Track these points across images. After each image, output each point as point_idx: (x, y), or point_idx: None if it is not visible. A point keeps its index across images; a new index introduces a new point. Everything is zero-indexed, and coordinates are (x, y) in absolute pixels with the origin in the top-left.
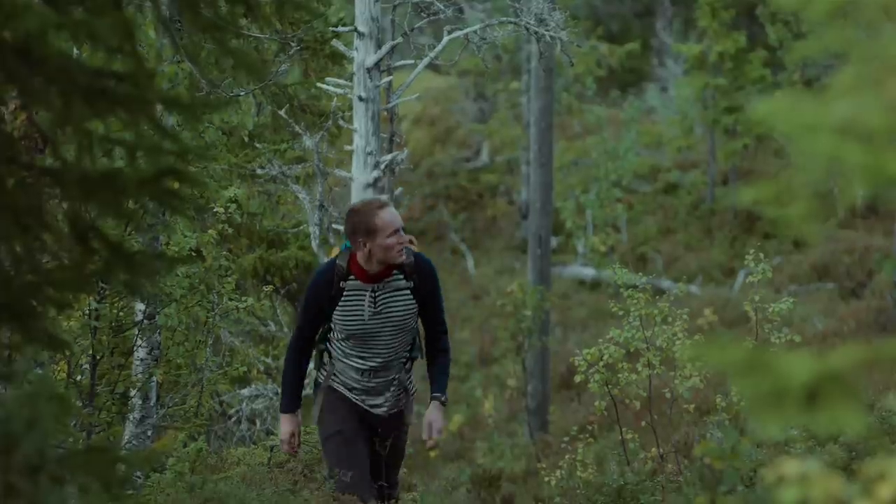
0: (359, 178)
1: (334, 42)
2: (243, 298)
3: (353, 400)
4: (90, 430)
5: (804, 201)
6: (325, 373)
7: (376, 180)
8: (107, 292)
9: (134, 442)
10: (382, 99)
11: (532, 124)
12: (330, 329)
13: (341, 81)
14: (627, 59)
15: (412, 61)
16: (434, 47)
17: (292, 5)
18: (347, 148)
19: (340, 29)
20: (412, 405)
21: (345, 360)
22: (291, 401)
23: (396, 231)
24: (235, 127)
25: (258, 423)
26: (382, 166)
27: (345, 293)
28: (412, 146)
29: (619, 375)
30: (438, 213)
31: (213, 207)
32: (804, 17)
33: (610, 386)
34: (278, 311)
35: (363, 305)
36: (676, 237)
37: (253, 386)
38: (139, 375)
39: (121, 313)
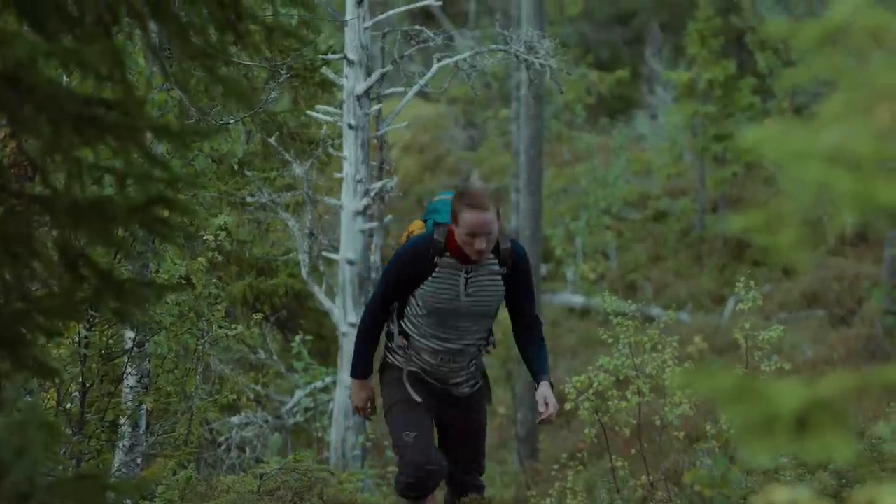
0: (348, 206)
1: (324, 70)
2: (233, 326)
3: (423, 377)
4: (80, 458)
5: (793, 229)
6: (394, 354)
7: (366, 208)
8: (96, 320)
9: (123, 470)
10: (372, 126)
11: (521, 152)
12: (408, 304)
13: (331, 109)
14: (617, 87)
15: (402, 89)
16: (424, 75)
17: (282, 33)
18: (337, 175)
19: (330, 56)
20: (487, 389)
21: (421, 339)
22: (364, 367)
23: (474, 234)
24: (225, 155)
25: (248, 450)
26: (372, 194)
27: (437, 269)
28: (402, 174)
29: (609, 403)
30: None
31: (203, 235)
32: (793, 45)
33: (600, 413)
34: (268, 338)
35: (454, 285)
36: (666, 264)
37: (242, 414)
38: (129, 403)
39: (110, 341)
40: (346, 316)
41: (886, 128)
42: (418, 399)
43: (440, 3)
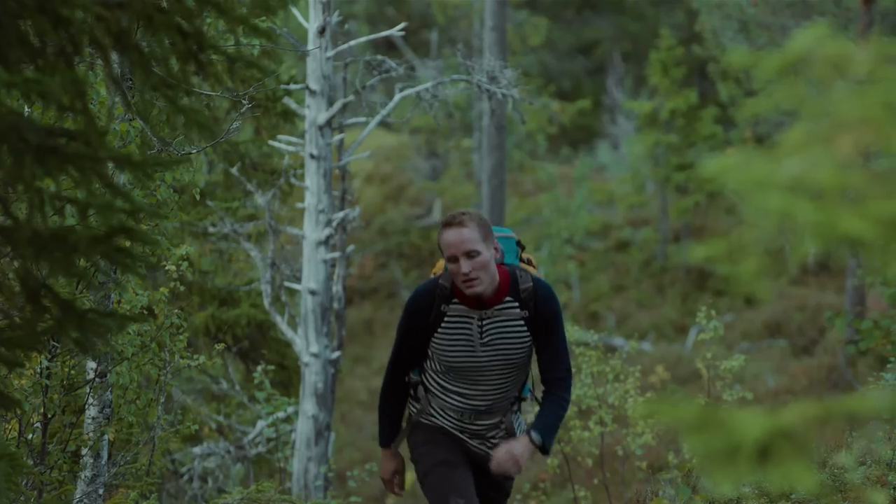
0: (311, 236)
1: (286, 100)
2: (195, 356)
3: (453, 432)
4: (41, 489)
5: (756, 258)
6: (417, 407)
7: (328, 238)
8: (58, 350)
9: (85, 500)
10: (334, 156)
11: (484, 182)
12: (427, 357)
13: (293, 139)
14: (579, 117)
15: (364, 119)
16: (386, 105)
17: (244, 63)
18: (299, 206)
19: (292, 86)
20: None
21: (443, 396)
22: (390, 434)
23: (454, 258)
24: (187, 185)
25: (210, 481)
26: (334, 224)
27: (446, 318)
28: (364, 204)
29: (572, 433)
30: (390, 270)
31: (165, 265)
32: (755, 75)
33: (562, 444)
34: (230, 369)
35: (468, 335)
36: (628, 294)
37: (205, 444)
38: (91, 434)
39: (72, 371)
40: (308, 346)
41: (848, 157)
42: (456, 460)
43: (402, 34)
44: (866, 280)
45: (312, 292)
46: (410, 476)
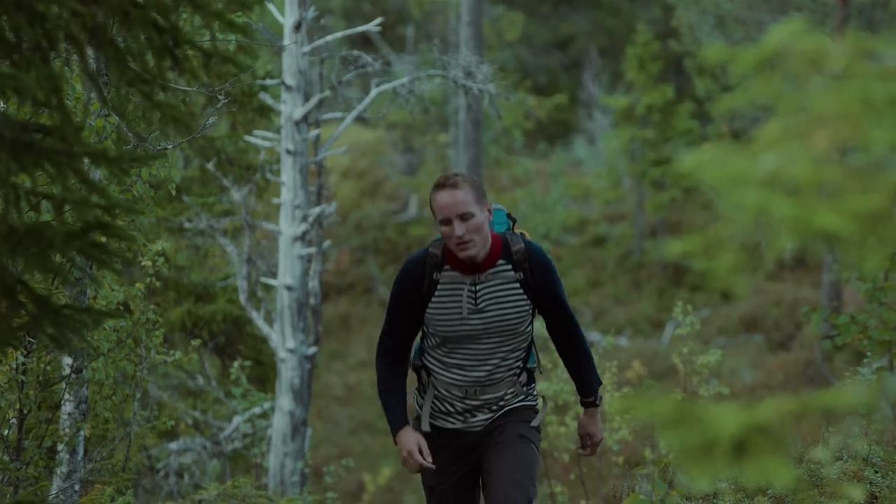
0: (287, 231)
1: (262, 95)
2: (171, 352)
3: (452, 427)
4: (17, 485)
5: (732, 254)
6: (421, 402)
7: (304, 233)
8: (34, 346)
9: (61, 496)
10: (310, 152)
11: None
12: (424, 335)
13: (269, 134)
14: (555, 112)
15: (340, 114)
16: (362, 100)
17: (220, 58)
18: (275, 201)
19: (268, 82)
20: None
21: (444, 373)
22: (398, 416)
23: (447, 221)
24: (163, 180)
25: (186, 477)
26: (310, 219)
27: (439, 286)
28: (340, 199)
29: (548, 428)
30: (367, 266)
31: (141, 261)
32: (731, 70)
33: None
34: (206, 364)
35: (461, 301)
36: (605, 289)
37: (181, 440)
38: (67, 429)
39: (48, 367)
40: (284, 342)
41: (824, 153)
42: (450, 486)
43: (379, 29)
44: (842, 275)
45: (288, 288)
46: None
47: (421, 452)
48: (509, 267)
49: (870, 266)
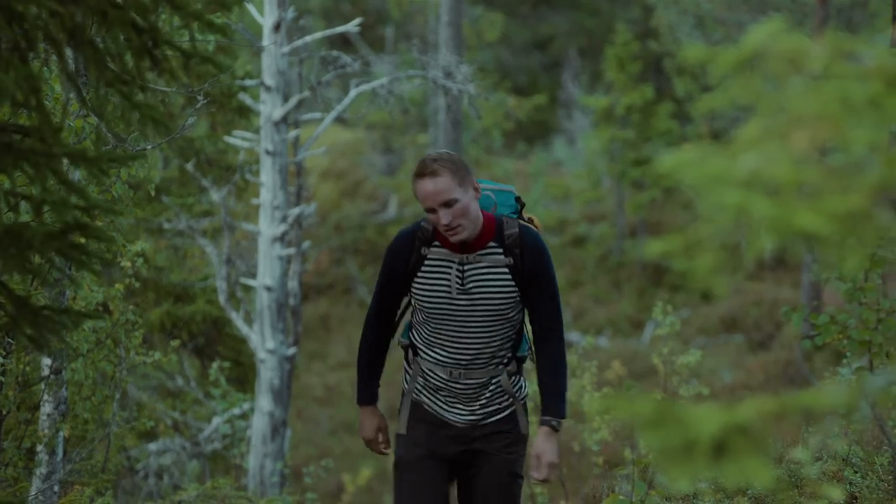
0: (266, 232)
1: (241, 95)
2: (150, 353)
3: (437, 412)
4: None
5: (712, 254)
6: (408, 378)
7: (284, 234)
8: (13, 347)
9: (40, 497)
10: (289, 152)
11: None
12: (413, 310)
13: (248, 135)
14: (535, 112)
15: (319, 115)
16: (341, 101)
17: (199, 59)
18: (255, 202)
19: (247, 82)
20: (521, 416)
21: (429, 352)
22: (368, 390)
23: (431, 210)
24: (142, 181)
25: (165, 477)
26: (290, 220)
27: (426, 261)
28: (319, 199)
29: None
30: (346, 266)
31: (120, 261)
32: (711, 70)
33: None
34: (186, 365)
35: (448, 279)
36: (585, 289)
37: (160, 440)
38: (46, 430)
39: (27, 368)
40: (264, 342)
41: (803, 153)
42: (424, 461)
43: (358, 30)
44: (822, 275)
45: (268, 288)
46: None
47: (377, 439)
48: (500, 250)
49: (850, 266)
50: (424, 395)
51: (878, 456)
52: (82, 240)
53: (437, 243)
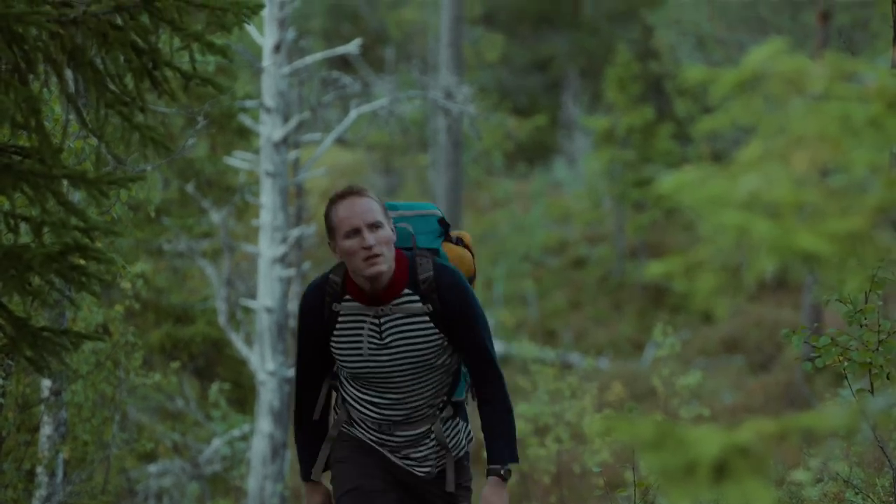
0: (266, 253)
1: (241, 116)
2: (150, 374)
3: (377, 447)
4: None
5: (712, 275)
6: (336, 418)
7: (284, 255)
8: (13, 369)
9: None
10: (290, 173)
11: (440, 198)
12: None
13: (248, 156)
14: (535, 133)
15: (319, 136)
16: (341, 121)
17: (199, 80)
18: (255, 223)
19: (247, 103)
20: (463, 466)
21: (358, 406)
22: (309, 463)
23: (356, 231)
24: (142, 202)
25: (165, 499)
26: (290, 241)
27: (340, 318)
28: (320, 221)
29: (529, 450)
30: None
31: (120, 283)
32: (711, 91)
33: (519, 461)
34: (186, 386)
35: (366, 335)
36: (585, 311)
37: (160, 462)
38: (46, 452)
39: (27, 390)
40: (264, 364)
41: (804, 174)
42: (372, 487)
43: (358, 51)
44: (822, 297)
45: (268, 310)
46: None
47: None
48: (416, 298)
49: (850, 287)
50: (357, 429)
51: (879, 478)
52: (82, 261)
53: (347, 297)
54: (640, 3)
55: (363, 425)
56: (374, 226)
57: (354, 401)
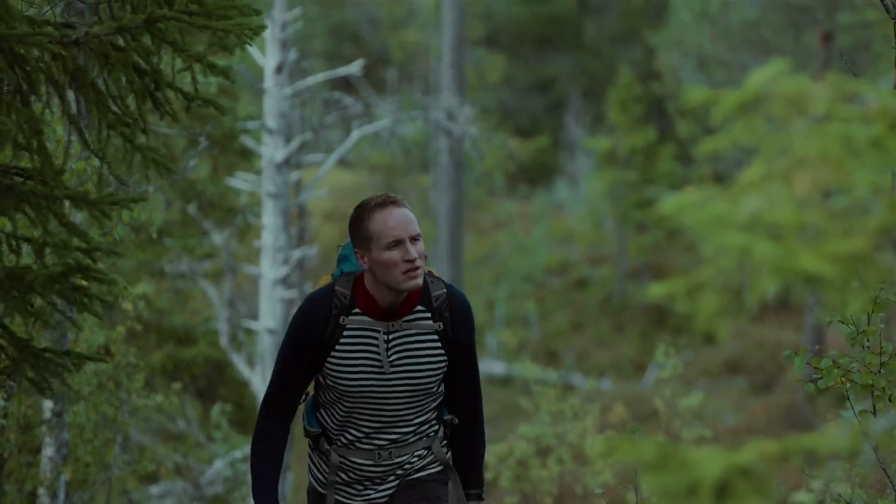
0: (268, 274)
1: (243, 137)
2: (152, 396)
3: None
4: None
5: (714, 296)
6: (318, 471)
7: (286, 276)
8: (14, 390)
9: None
10: (291, 194)
11: (442, 219)
12: (319, 390)
13: (250, 177)
14: (537, 154)
15: (321, 157)
16: (343, 143)
17: (201, 101)
18: (256, 244)
19: (249, 124)
20: (451, 468)
21: (341, 435)
22: (268, 493)
23: (400, 242)
24: (144, 223)
25: None
26: (292, 262)
27: (346, 333)
28: (322, 242)
29: (530, 471)
30: None
31: (122, 304)
32: (713, 112)
33: (521, 482)
34: (187, 408)
35: (373, 353)
36: (587, 332)
37: (162, 484)
38: (47, 473)
39: (29, 411)
40: (265, 385)
41: (806, 195)
42: None
43: (360, 72)
44: (824, 318)
45: (270, 331)
46: None
47: None
48: (428, 315)
49: (852, 309)
50: (342, 493)
51: (881, 499)
52: (84, 282)
53: (356, 311)
54: (642, 25)
55: (351, 465)
56: (415, 238)
57: (342, 430)
